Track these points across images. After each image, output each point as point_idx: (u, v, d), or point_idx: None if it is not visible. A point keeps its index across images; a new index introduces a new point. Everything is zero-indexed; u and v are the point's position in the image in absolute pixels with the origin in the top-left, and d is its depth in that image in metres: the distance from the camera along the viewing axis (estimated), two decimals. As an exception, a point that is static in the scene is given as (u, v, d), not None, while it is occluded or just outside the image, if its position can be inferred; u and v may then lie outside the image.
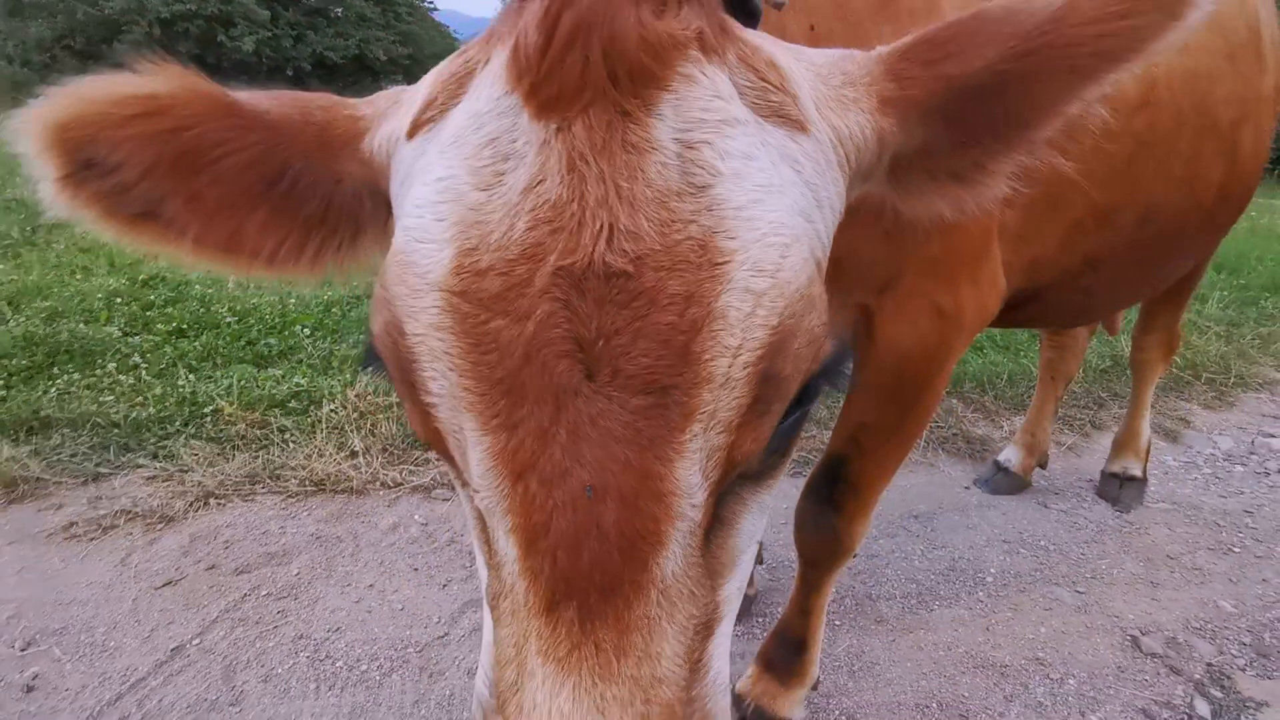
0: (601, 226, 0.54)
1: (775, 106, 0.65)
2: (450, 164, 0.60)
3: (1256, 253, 7.43)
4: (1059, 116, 0.68)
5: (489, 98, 0.61)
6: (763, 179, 0.59)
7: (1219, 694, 2.06)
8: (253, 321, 4.14)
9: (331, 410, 3.19)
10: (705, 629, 0.64)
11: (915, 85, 0.69)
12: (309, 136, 0.75)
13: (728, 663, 0.70)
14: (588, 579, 0.57)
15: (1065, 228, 1.54)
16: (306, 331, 4.11)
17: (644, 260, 0.54)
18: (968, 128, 0.70)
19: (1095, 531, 2.86)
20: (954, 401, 3.85)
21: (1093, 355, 4.32)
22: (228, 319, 4.10)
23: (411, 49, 25.04)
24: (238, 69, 20.75)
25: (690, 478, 0.58)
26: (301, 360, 3.76)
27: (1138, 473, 3.05)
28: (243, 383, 3.36)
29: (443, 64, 0.72)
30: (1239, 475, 3.39)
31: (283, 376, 3.52)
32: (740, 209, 0.57)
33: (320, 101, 0.80)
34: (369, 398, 3.28)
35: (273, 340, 3.96)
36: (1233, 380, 4.43)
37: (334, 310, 4.51)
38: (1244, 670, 2.15)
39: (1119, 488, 3.06)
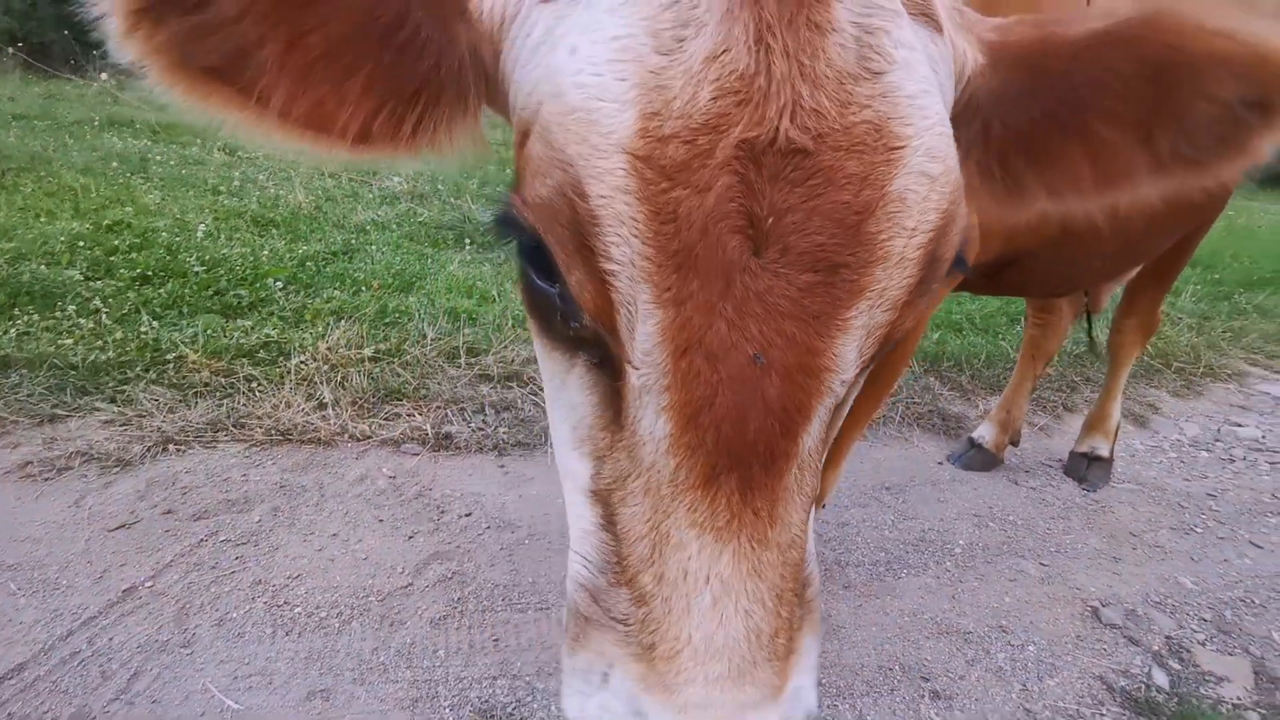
0: (786, 102, 0.54)
1: (921, 5, 0.65)
2: (627, 23, 0.57)
3: (1232, 250, 7.55)
4: (1129, 140, 0.71)
5: None
6: (925, 71, 0.60)
7: (1177, 666, 2.09)
8: (222, 272, 4.02)
9: (301, 362, 3.12)
10: (812, 500, 0.68)
11: (1017, 35, 0.72)
12: None
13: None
14: (751, 450, 0.59)
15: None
16: (279, 285, 4.00)
17: (824, 139, 0.54)
18: (1043, 112, 0.72)
19: (1062, 508, 2.89)
20: (931, 380, 3.87)
21: (1068, 340, 4.36)
22: (196, 268, 3.98)
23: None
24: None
25: (848, 354, 0.59)
26: (272, 313, 3.66)
27: (1105, 453, 3.09)
28: (209, 332, 3.27)
29: None
30: (1204, 460, 3.44)
31: (252, 327, 3.43)
32: (913, 98, 0.58)
33: None
34: (341, 350, 3.21)
35: (243, 292, 3.85)
36: (1202, 370, 4.50)
37: (309, 264, 4.40)
38: (1203, 645, 2.19)
39: (1086, 467, 3.09)
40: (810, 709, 0.66)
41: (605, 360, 0.64)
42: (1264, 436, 3.74)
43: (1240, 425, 3.88)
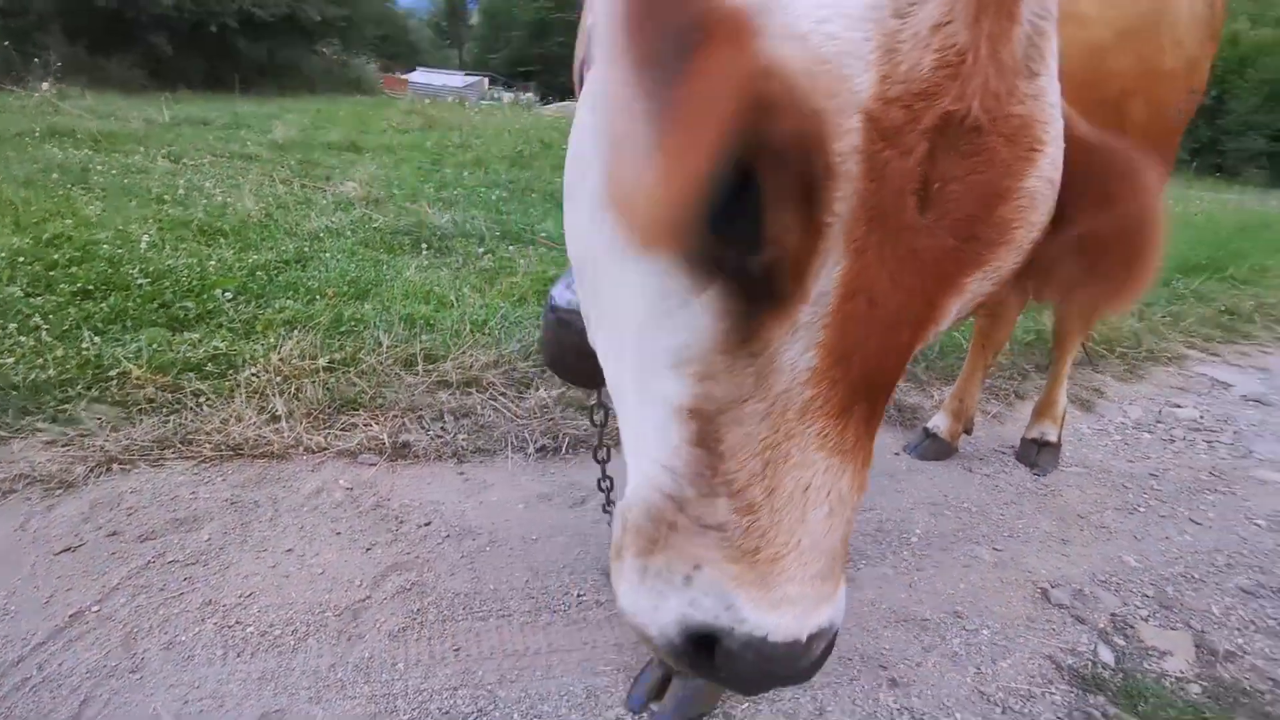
0: (983, 80, 0.57)
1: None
2: None
3: (1170, 238, 7.82)
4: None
5: None
6: (1058, 88, 0.64)
7: (1122, 642, 2.17)
8: (167, 284, 3.91)
9: (253, 374, 3.05)
10: None
11: None
12: None
13: None
14: (880, 385, 0.67)
15: None
16: (228, 295, 3.90)
17: (995, 122, 0.59)
18: None
19: (1015, 494, 2.97)
20: (886, 372, 3.93)
21: (1018, 329, 4.48)
22: (139, 280, 3.86)
23: (349, 10, 23.93)
24: (156, 23, 19.49)
25: (952, 311, 0.67)
26: (221, 325, 3.57)
27: (1053, 438, 3.18)
28: (154, 346, 3.18)
29: None
30: (1146, 442, 3.57)
31: (200, 340, 3.34)
32: (1054, 106, 0.63)
33: None
34: (294, 361, 3.14)
35: (190, 304, 3.74)
36: (1144, 354, 4.66)
37: (260, 274, 4.30)
38: (1146, 620, 2.27)
39: (1036, 452, 3.18)
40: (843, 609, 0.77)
41: (753, 291, 0.65)
42: (1201, 417, 3.89)
43: (1180, 406, 4.04)
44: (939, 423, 3.19)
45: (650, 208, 0.57)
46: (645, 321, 0.73)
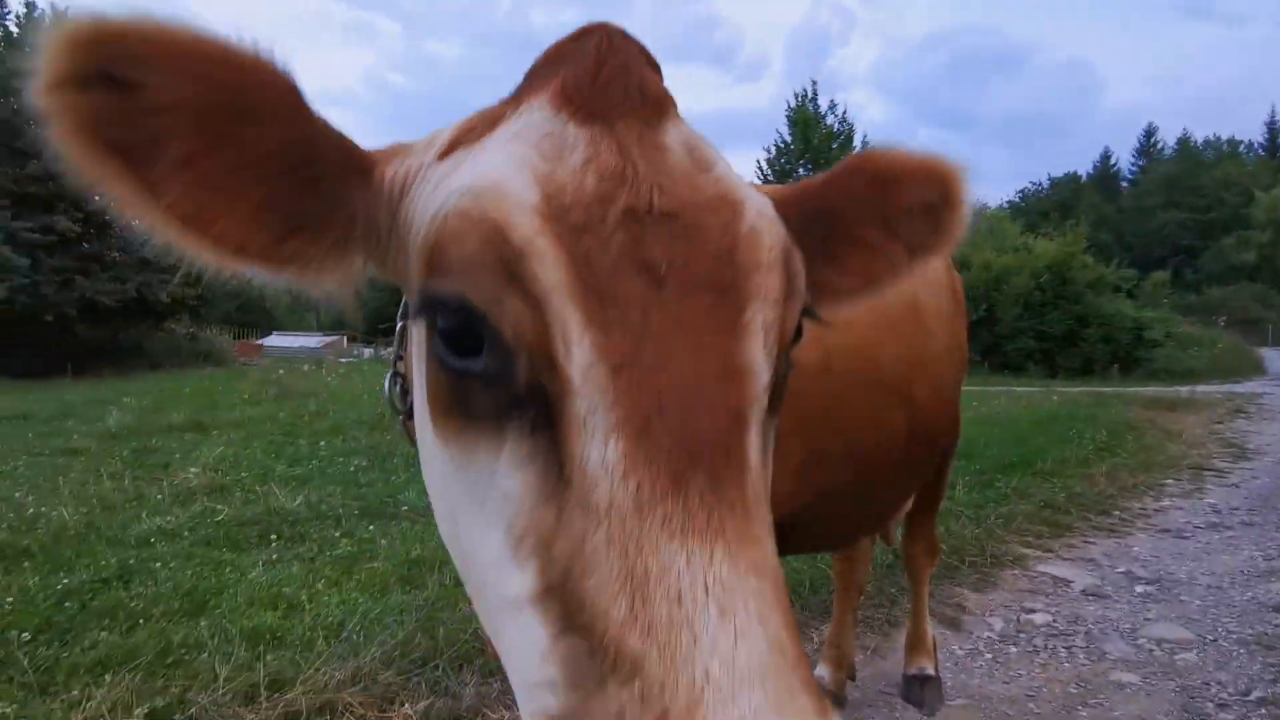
0: (651, 185, 0.70)
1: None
2: (516, 148, 0.73)
3: (984, 439, 8.85)
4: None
5: (540, 115, 0.76)
6: (738, 176, 0.82)
7: None
8: (-51, 634, 3.33)
9: (45, 747, 2.54)
10: (771, 527, 0.68)
11: (783, 190, 0.97)
12: (340, 147, 0.81)
13: None
14: (709, 445, 0.62)
15: (795, 468, 1.77)
16: (25, 637, 3.36)
17: (687, 206, 0.71)
18: (824, 230, 0.99)
19: (909, 742, 2.93)
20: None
21: (878, 553, 4.72)
22: (-91, 635, 3.26)
23: (202, 289, 23.99)
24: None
25: (758, 356, 0.70)
26: (11, 679, 3.03)
27: (932, 671, 3.25)
28: (-85, 727, 2.61)
29: (460, 121, 0.88)
30: (1014, 657, 3.72)
31: (-20, 707, 2.79)
32: (736, 181, 0.79)
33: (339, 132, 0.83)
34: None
35: (-26, 656, 3.18)
36: (989, 560, 5.02)
37: (69, 603, 3.78)
38: None
39: (921, 690, 3.21)
40: None
41: (539, 419, 0.66)
42: (1054, 620, 4.16)
43: (1033, 611, 4.30)
44: (822, 674, 3.18)
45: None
46: (477, 524, 0.72)
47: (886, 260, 1.04)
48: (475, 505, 0.72)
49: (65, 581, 4.04)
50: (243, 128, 0.72)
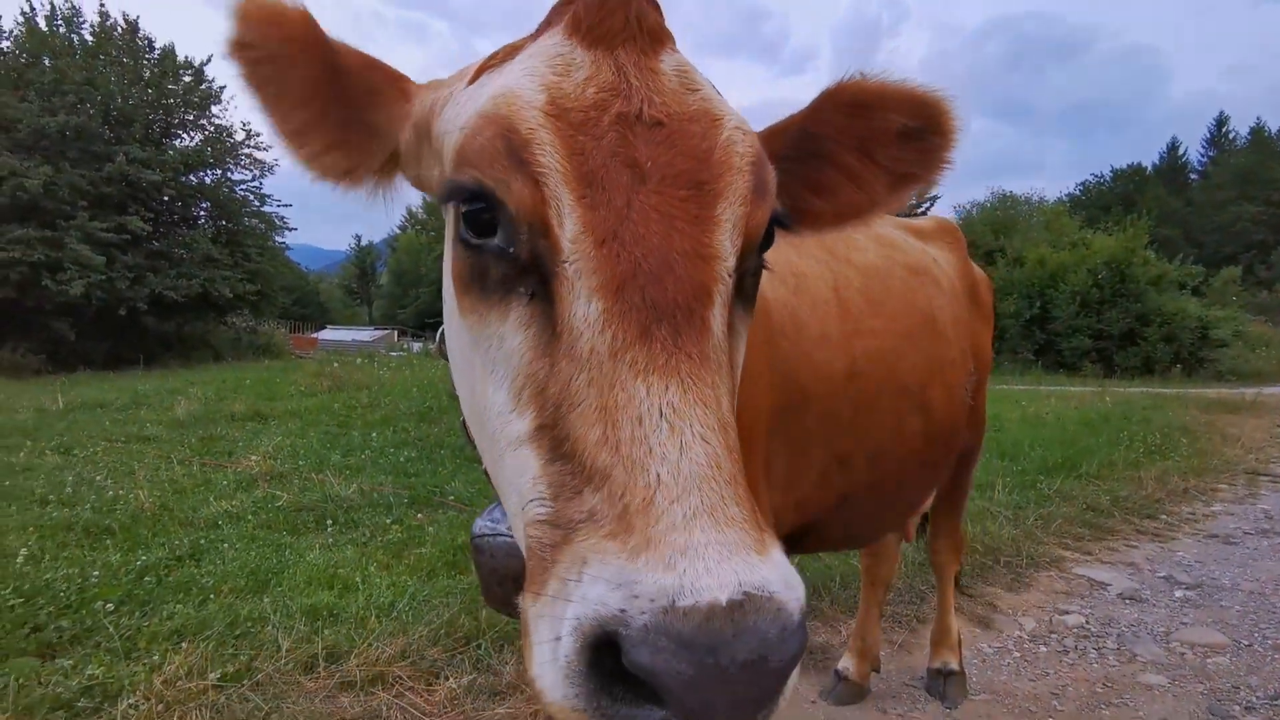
0: (643, 99, 0.84)
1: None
2: (530, 65, 0.88)
3: (1029, 440, 8.71)
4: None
5: (552, 42, 0.90)
6: (724, 99, 0.95)
7: None
8: (42, 602, 3.67)
9: (131, 705, 2.82)
10: (733, 399, 0.85)
11: (767, 128, 1.09)
12: (374, 72, 1.10)
13: None
14: (674, 305, 0.76)
15: (818, 472, 1.88)
16: (110, 607, 3.68)
17: (673, 116, 0.85)
18: (804, 155, 1.11)
19: (929, 733, 3.01)
20: (795, 611, 4.04)
21: (908, 550, 4.76)
22: (11, 601, 3.61)
23: (260, 284, 24.94)
24: (61, 310, 19.48)
25: (724, 243, 0.82)
26: (99, 644, 3.34)
27: (955, 667, 3.31)
28: (21, 681, 2.92)
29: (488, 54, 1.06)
30: (1043, 656, 3.74)
31: (73, 668, 3.10)
32: (719, 100, 0.92)
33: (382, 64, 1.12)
34: (179, 683, 2.95)
35: (65, 623, 3.50)
36: (1025, 561, 5.00)
37: (148, 577, 4.11)
38: None
39: (944, 684, 3.28)
40: (801, 587, 0.66)
41: (539, 286, 0.81)
42: (1087, 622, 4.15)
43: (1067, 612, 4.30)
44: (847, 665, 3.28)
45: None
46: (487, 382, 0.87)
47: (866, 186, 1.11)
48: (488, 367, 0.87)
49: (144, 558, 4.39)
50: (290, 69, 1.01)
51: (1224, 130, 69.76)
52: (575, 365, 0.75)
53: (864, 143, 1.08)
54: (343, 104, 1.06)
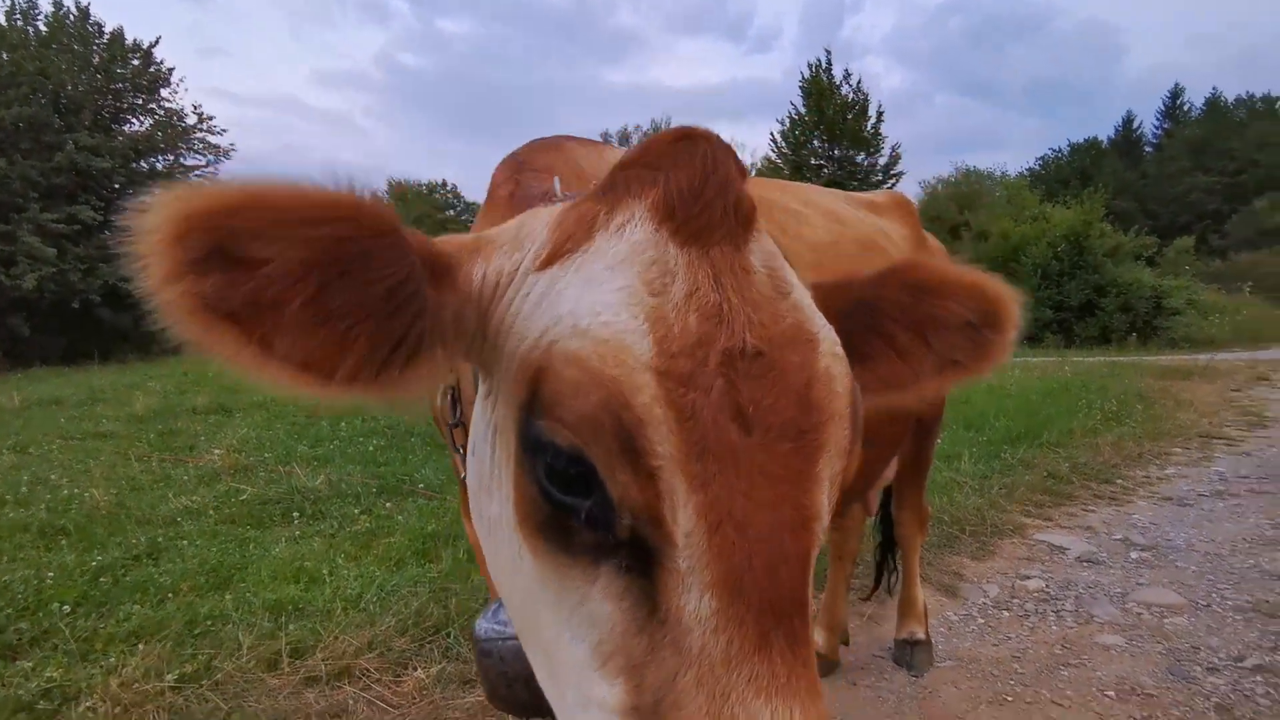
0: (744, 320, 0.74)
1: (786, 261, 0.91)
2: (626, 278, 0.75)
3: (994, 410, 8.88)
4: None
5: (641, 237, 0.78)
6: (808, 293, 0.85)
7: None
8: (1, 604, 3.56)
9: (88, 708, 2.75)
10: None
11: (830, 282, 0.99)
12: (427, 259, 0.80)
13: None
14: (787, 604, 0.68)
15: None
16: (66, 609, 3.58)
17: (771, 341, 0.74)
18: (858, 325, 0.98)
19: (896, 702, 3.07)
20: (765, 587, 4.08)
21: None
22: (-38, 608, 3.49)
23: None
24: (14, 305, 18.86)
25: (824, 502, 0.74)
26: (56, 647, 3.25)
27: (922, 636, 3.37)
28: (-28, 689, 2.83)
29: (546, 215, 0.89)
30: (1005, 621, 3.83)
31: (32, 670, 3.02)
32: (809, 308, 0.81)
33: (417, 233, 0.82)
34: (136, 685, 2.88)
35: (24, 625, 3.41)
36: (990, 530, 5.11)
37: (103, 579, 4.01)
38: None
39: (911, 654, 3.34)
40: None
41: (635, 562, 0.71)
42: (1047, 586, 4.26)
43: (1028, 578, 4.40)
44: (817, 639, 3.32)
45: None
46: (561, 630, 0.78)
47: (911, 366, 1.02)
48: (561, 614, 0.77)
49: (99, 559, 4.27)
50: (353, 276, 0.72)
51: (1179, 102, 71.17)
52: (681, 661, 0.67)
53: (921, 324, 1.02)
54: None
